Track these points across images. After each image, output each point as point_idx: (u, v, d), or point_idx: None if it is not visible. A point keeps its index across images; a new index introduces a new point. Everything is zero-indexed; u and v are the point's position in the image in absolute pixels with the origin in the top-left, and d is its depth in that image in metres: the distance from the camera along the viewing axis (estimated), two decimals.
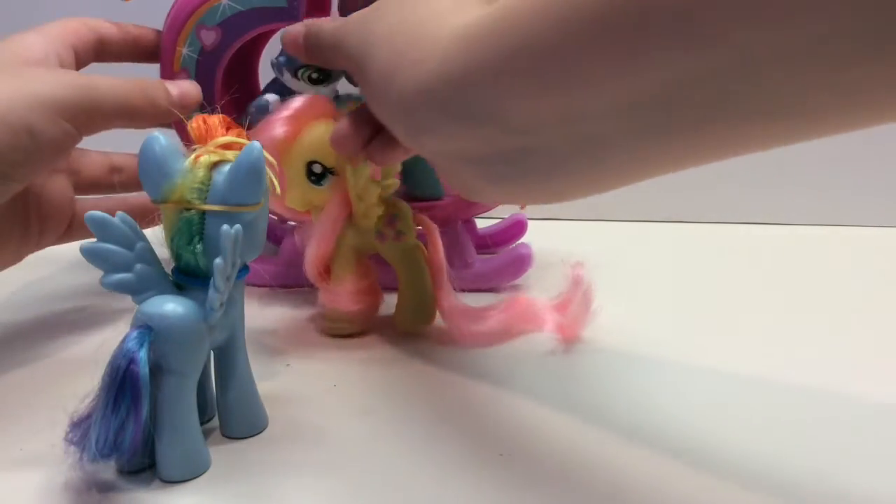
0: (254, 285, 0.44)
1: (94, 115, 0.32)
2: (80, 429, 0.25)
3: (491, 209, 0.47)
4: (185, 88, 0.37)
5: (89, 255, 0.26)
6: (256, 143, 0.26)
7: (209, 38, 0.40)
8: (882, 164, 0.62)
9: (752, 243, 0.58)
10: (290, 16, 0.39)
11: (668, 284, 0.49)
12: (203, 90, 0.40)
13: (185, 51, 0.40)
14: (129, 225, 0.27)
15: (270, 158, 0.27)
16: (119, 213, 0.26)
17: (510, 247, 0.52)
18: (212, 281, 0.25)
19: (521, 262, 0.46)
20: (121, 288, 0.27)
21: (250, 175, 0.26)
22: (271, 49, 0.46)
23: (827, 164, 0.61)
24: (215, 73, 0.41)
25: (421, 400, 0.33)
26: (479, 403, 0.33)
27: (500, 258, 0.47)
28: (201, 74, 0.40)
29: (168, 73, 0.40)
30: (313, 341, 0.39)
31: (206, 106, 0.40)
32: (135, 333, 0.25)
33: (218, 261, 0.25)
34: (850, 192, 0.62)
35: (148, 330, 0.25)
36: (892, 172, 0.62)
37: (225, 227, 0.25)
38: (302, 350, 0.38)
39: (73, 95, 0.31)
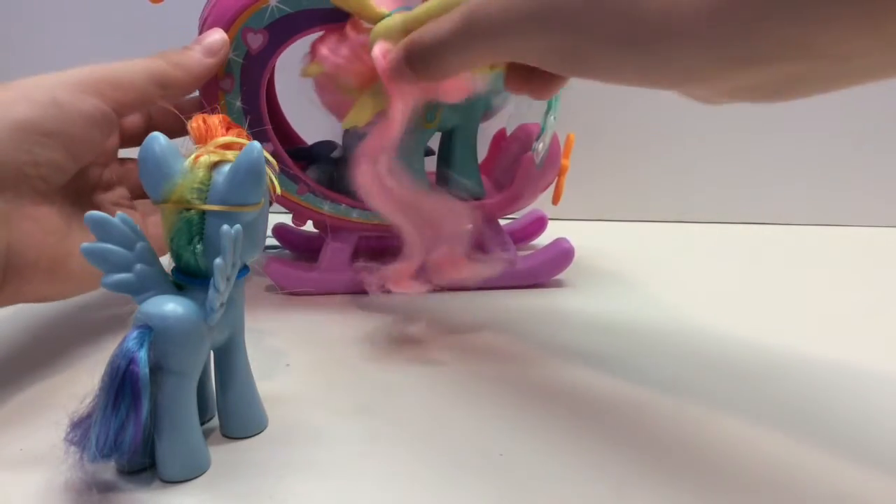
0: (297, 294, 0.44)
1: (122, 88, 0.34)
2: (80, 429, 0.25)
3: (530, 205, 0.47)
4: (209, 41, 0.37)
5: (89, 254, 0.26)
6: (256, 144, 0.26)
7: (256, 41, 0.38)
8: (882, 164, 0.62)
9: (753, 243, 0.58)
10: (340, 17, 0.38)
11: (668, 284, 0.49)
12: (248, 95, 0.39)
13: (230, 55, 0.39)
14: (129, 225, 0.27)
15: (270, 158, 0.27)
16: (119, 213, 0.26)
17: (531, 242, 0.53)
18: (212, 281, 0.25)
19: (564, 257, 0.46)
20: (121, 288, 0.27)
21: (250, 175, 0.26)
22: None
23: (827, 164, 0.62)
24: (261, 78, 0.39)
25: (421, 400, 0.33)
26: (478, 403, 0.33)
27: (542, 254, 0.46)
28: (246, 79, 0.39)
29: (212, 79, 0.39)
30: (313, 341, 0.39)
31: (250, 112, 0.40)
32: (135, 333, 0.25)
33: (218, 261, 0.25)
34: (850, 192, 0.62)
35: (148, 330, 0.25)
36: (893, 172, 0.62)
37: (225, 227, 0.25)
38: (302, 350, 0.38)
39: (96, 73, 0.33)
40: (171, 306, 0.26)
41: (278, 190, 0.29)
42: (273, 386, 0.33)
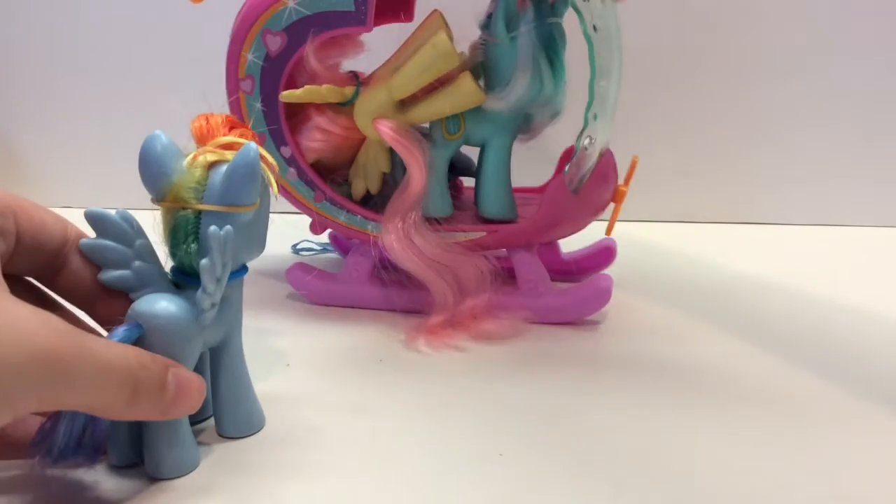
0: (319, 304, 0.44)
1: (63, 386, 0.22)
2: (47, 426, 0.24)
3: (578, 231, 0.42)
4: (187, 385, 0.26)
5: (89, 250, 0.27)
6: (253, 144, 0.26)
7: (274, 43, 0.39)
8: (882, 164, 0.61)
9: (753, 243, 0.57)
10: (357, 20, 0.38)
11: (669, 284, 0.48)
12: (267, 97, 0.40)
13: (250, 56, 0.39)
14: (128, 222, 0.27)
15: (269, 158, 0.27)
16: (119, 210, 0.27)
17: (590, 276, 0.45)
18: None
19: (599, 297, 0.41)
20: (119, 284, 0.27)
21: (246, 176, 0.26)
22: None
23: (827, 164, 0.61)
24: (280, 80, 0.40)
25: (420, 400, 0.33)
26: (478, 403, 0.33)
27: (576, 291, 0.42)
28: (266, 81, 0.40)
29: (233, 80, 0.40)
30: (313, 341, 0.39)
31: (269, 114, 0.40)
32: (120, 330, 0.25)
33: (204, 261, 0.25)
34: (850, 192, 0.61)
35: (137, 327, 0.25)
36: (893, 172, 0.61)
37: (213, 227, 0.25)
38: (302, 350, 0.38)
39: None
40: (162, 304, 0.26)
41: (275, 190, 0.28)
42: (273, 386, 0.33)
